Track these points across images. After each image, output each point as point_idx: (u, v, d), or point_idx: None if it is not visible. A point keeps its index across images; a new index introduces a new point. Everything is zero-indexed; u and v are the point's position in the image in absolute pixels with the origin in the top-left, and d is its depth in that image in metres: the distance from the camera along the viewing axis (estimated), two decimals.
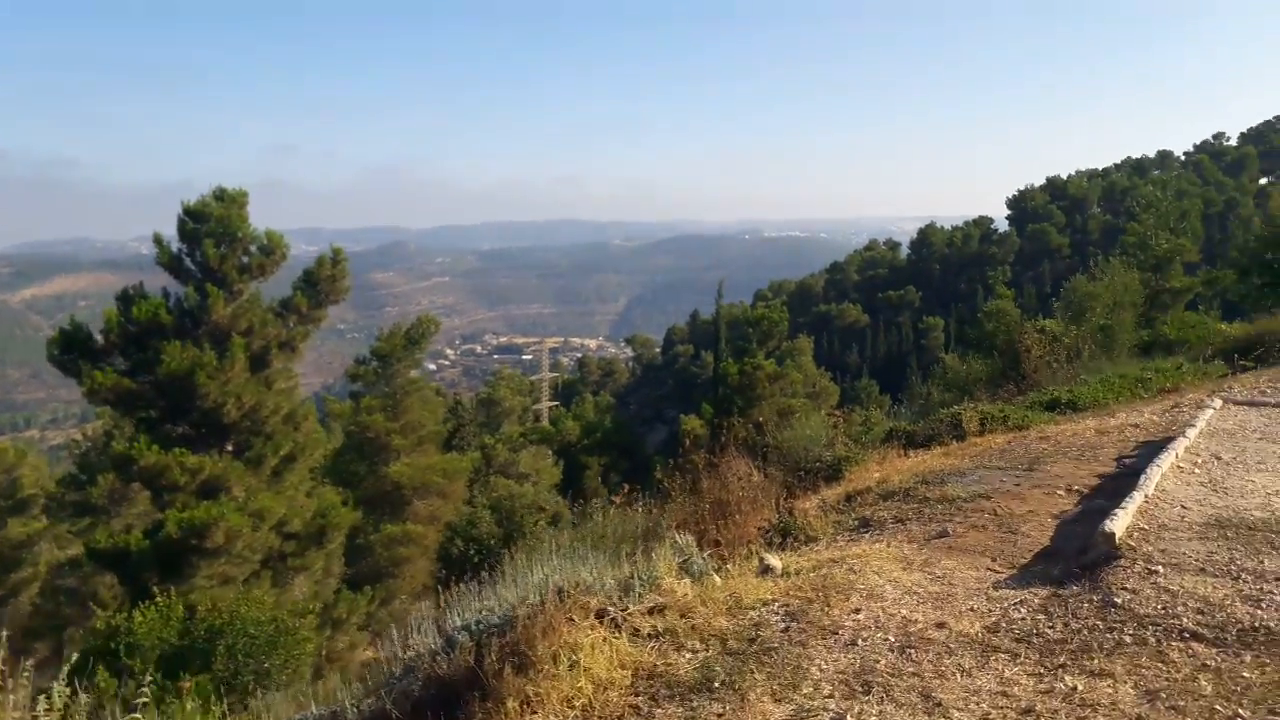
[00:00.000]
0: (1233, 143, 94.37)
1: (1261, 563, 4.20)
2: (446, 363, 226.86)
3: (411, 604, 24.70)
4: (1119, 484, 6.21)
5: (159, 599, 12.64)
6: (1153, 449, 6.94)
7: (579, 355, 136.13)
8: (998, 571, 4.73)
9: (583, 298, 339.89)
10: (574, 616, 4.11)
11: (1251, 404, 7.73)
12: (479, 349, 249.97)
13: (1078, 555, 4.67)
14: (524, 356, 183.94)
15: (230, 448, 17.86)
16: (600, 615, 4.31)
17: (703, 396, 44.39)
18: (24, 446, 30.67)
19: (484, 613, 4.82)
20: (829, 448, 11.25)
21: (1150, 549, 4.47)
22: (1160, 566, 4.23)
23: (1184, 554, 4.38)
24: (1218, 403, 7.78)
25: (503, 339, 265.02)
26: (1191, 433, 6.63)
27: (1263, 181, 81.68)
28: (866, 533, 6.06)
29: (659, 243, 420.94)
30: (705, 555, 6.18)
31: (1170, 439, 6.84)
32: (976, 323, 27.44)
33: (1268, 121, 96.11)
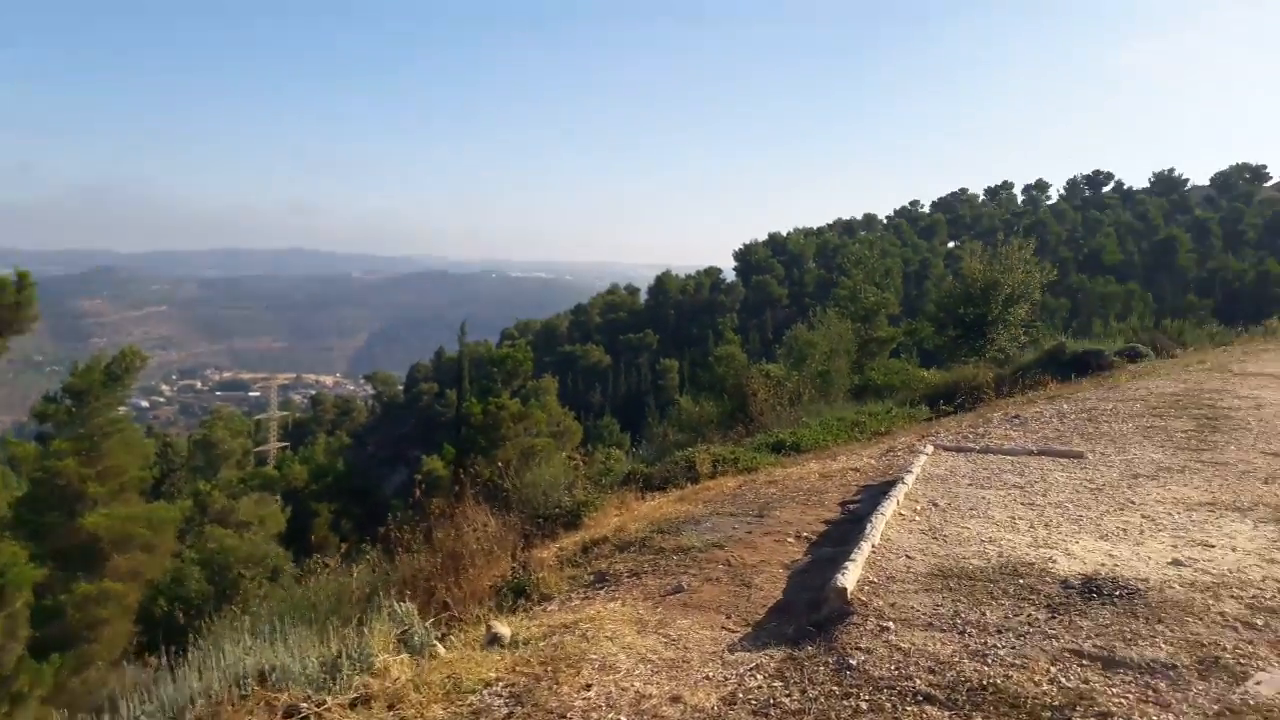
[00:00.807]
0: (926, 210, 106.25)
1: (983, 614, 4.26)
2: (161, 399, 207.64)
3: (110, 672, 21.88)
4: (844, 530, 6.31)
5: None
6: (874, 493, 7.17)
7: (313, 392, 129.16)
8: (733, 630, 4.53)
9: (319, 332, 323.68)
10: (256, 717, 3.43)
11: (959, 450, 8.24)
12: (199, 385, 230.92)
13: (811, 610, 4.58)
14: (251, 393, 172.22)
15: None
16: (290, 714, 3.64)
17: (446, 436, 43.25)
18: None
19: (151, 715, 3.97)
20: (569, 492, 10.96)
21: (881, 603, 4.44)
22: (891, 622, 4.19)
23: (913, 608, 4.37)
24: (929, 449, 8.23)
25: (227, 374, 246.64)
26: (909, 479, 6.89)
27: (950, 244, 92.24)
28: (602, 588, 5.74)
29: (402, 277, 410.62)
30: (429, 624, 5.60)
31: (890, 484, 7.09)
32: (708, 366, 28.53)
33: (954, 193, 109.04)
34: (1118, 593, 4.47)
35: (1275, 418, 9.18)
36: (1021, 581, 4.68)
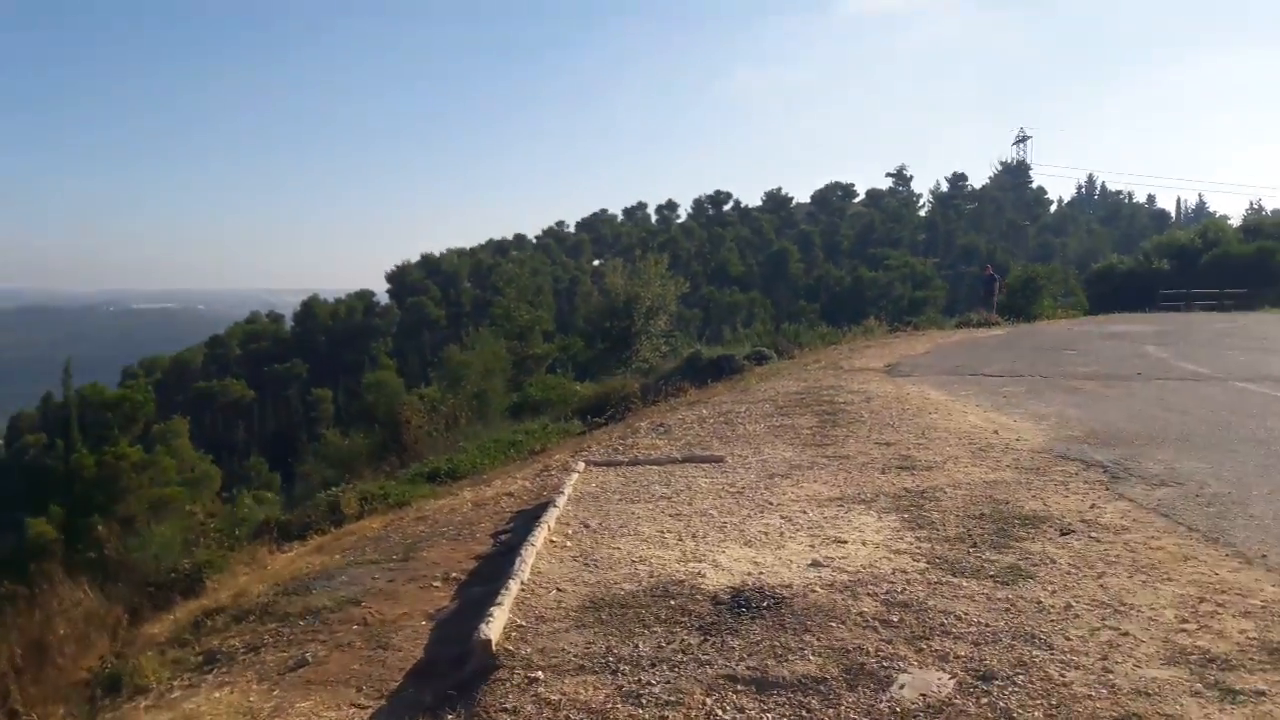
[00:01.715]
0: (571, 230, 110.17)
1: (636, 647, 3.98)
2: None
3: None
4: (496, 565, 5.87)
5: None
6: (527, 519, 6.81)
7: None
8: (363, 706, 3.89)
9: None
10: None
11: (609, 464, 8.13)
12: None
13: (455, 668, 4.06)
14: None
15: None
16: None
17: (58, 494, 37.38)
18: None
19: None
20: (189, 553, 9.55)
21: (529, 650, 4.02)
22: (541, 671, 3.78)
23: (564, 650, 4.00)
24: (581, 465, 8.04)
25: None
26: (560, 500, 6.60)
27: (595, 262, 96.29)
28: (211, 671, 4.81)
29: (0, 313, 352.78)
30: None
31: (542, 508, 6.77)
32: (360, 395, 27.12)
33: (595, 213, 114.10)
34: (765, 604, 4.42)
35: (883, 409, 10.12)
36: (673, 603, 4.50)
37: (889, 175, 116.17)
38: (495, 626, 4.13)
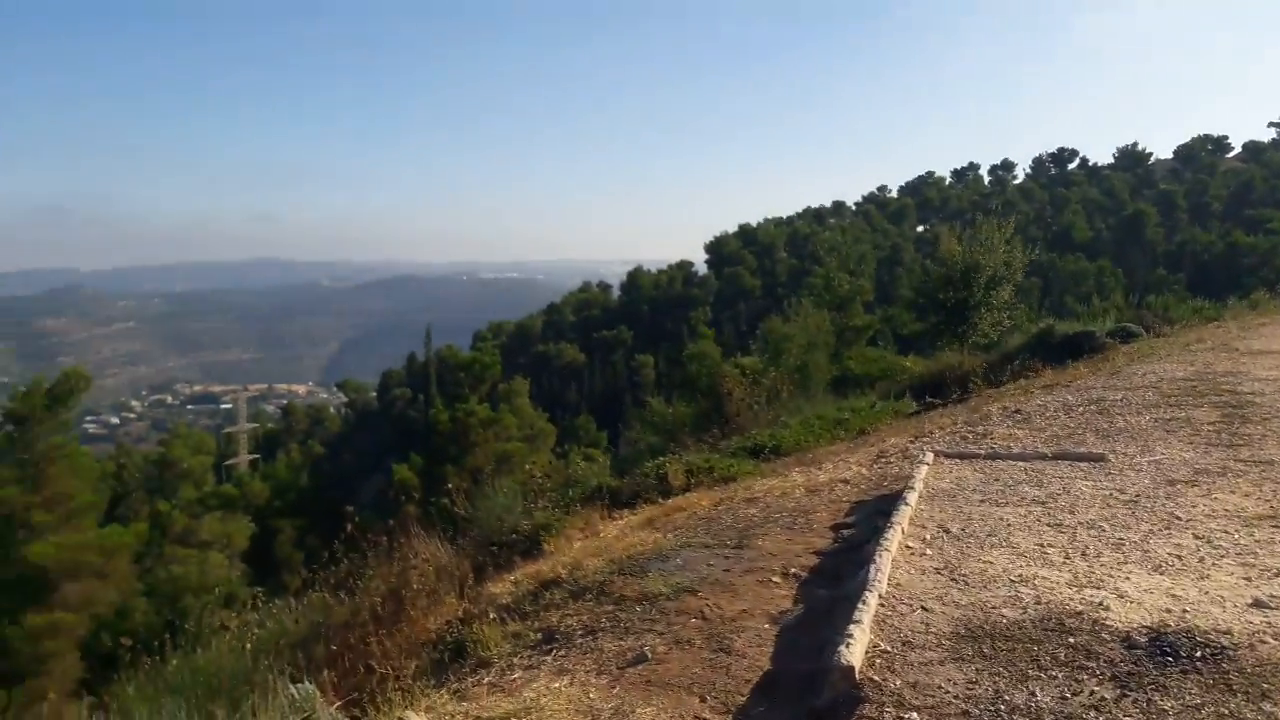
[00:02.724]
0: (894, 194, 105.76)
1: (1033, 695, 3.25)
2: (132, 415, 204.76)
3: (65, 705, 20.63)
4: (840, 563, 5.32)
5: None
6: (869, 513, 6.19)
7: (285, 402, 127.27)
8: None
9: (289, 341, 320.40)
10: None
11: (962, 456, 7.25)
12: (170, 400, 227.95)
13: (808, 690, 3.57)
14: (222, 405, 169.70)
15: None
16: None
17: (420, 443, 42.06)
18: None
19: None
20: (527, 515, 9.89)
21: (899, 683, 3.43)
22: (915, 713, 3.19)
23: (941, 689, 3.36)
24: (929, 455, 7.24)
25: (197, 388, 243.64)
26: (911, 497, 5.88)
27: (920, 228, 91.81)
28: (550, 652, 4.70)
29: (371, 284, 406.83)
30: (334, 709, 4.56)
31: (888, 501, 6.10)
32: (681, 363, 27.58)
33: (920, 177, 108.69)
34: (1199, 654, 3.49)
35: None
36: (1073, 641, 3.69)
37: (1272, 125, 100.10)
38: (856, 650, 3.57)
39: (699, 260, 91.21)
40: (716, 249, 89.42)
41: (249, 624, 8.41)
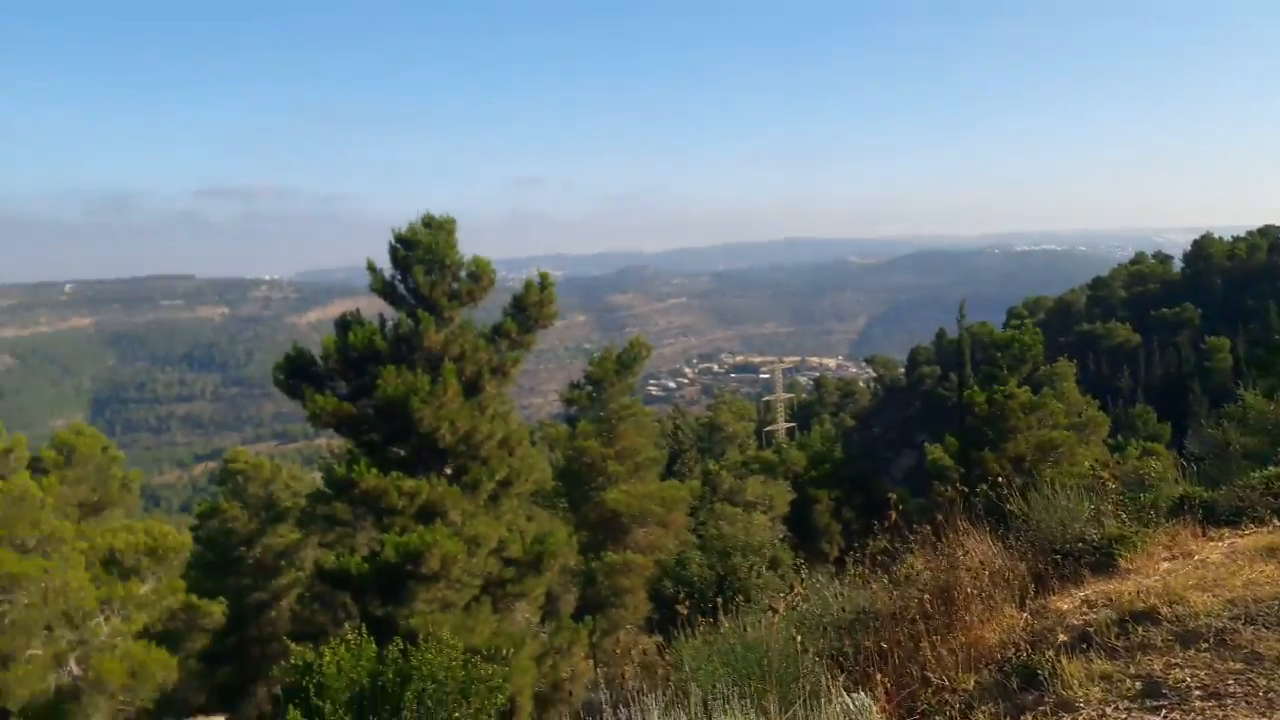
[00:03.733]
0: None
1: None
2: (685, 380, 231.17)
3: (636, 637, 24.05)
4: None
5: (349, 636, 12.29)
6: None
7: (816, 375, 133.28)
8: None
9: (818, 317, 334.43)
10: None
11: None
12: (716, 367, 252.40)
13: None
14: (761, 375, 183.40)
15: (448, 472, 17.77)
16: None
17: (949, 422, 41.17)
18: (280, 462, 32.89)
19: None
20: (1096, 522, 8.96)
21: None
22: None
23: None
24: None
25: (739, 358, 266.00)
26: None
27: None
28: (1158, 712, 4.08)
29: (898, 259, 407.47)
30: None
31: None
32: (1273, 348, 23.12)
33: None
34: None
35: None
36: None
37: None
38: None
39: None
40: None
41: (794, 597, 8.47)
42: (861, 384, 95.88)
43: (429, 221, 16.82)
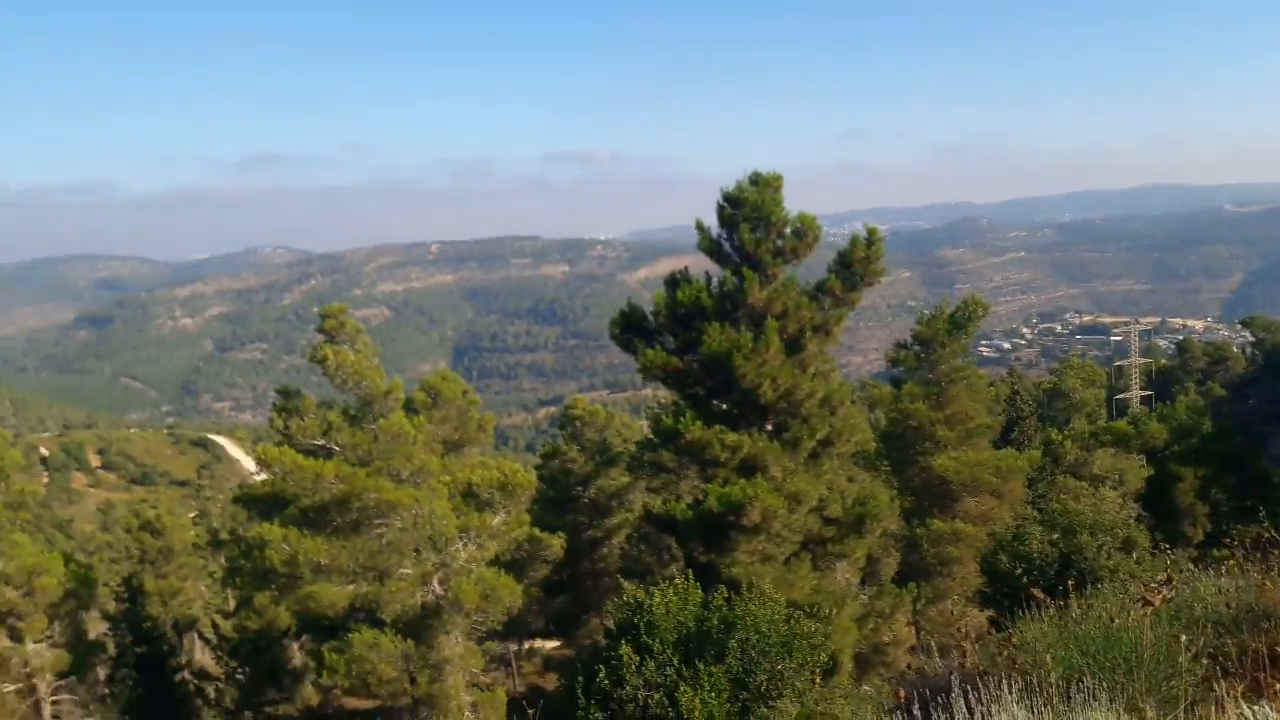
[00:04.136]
0: None
1: None
2: (1022, 342, 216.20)
3: (963, 609, 22.96)
4: None
5: (677, 580, 12.69)
6: None
7: (1179, 338, 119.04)
8: None
9: (1184, 273, 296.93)
10: None
11: None
12: (1059, 329, 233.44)
13: None
14: (1111, 338, 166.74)
15: (769, 428, 17.87)
16: None
17: None
18: (612, 410, 34.96)
19: None
20: None
21: None
22: None
23: None
24: None
25: (1086, 318, 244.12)
26: None
27: None
28: None
29: None
30: None
31: None
32: None
33: None
34: None
35: None
36: None
37: None
38: None
39: None
40: None
41: (1166, 588, 7.33)
42: (1235, 349, 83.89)
43: (755, 179, 16.75)
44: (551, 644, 34.22)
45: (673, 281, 17.65)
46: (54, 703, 19.33)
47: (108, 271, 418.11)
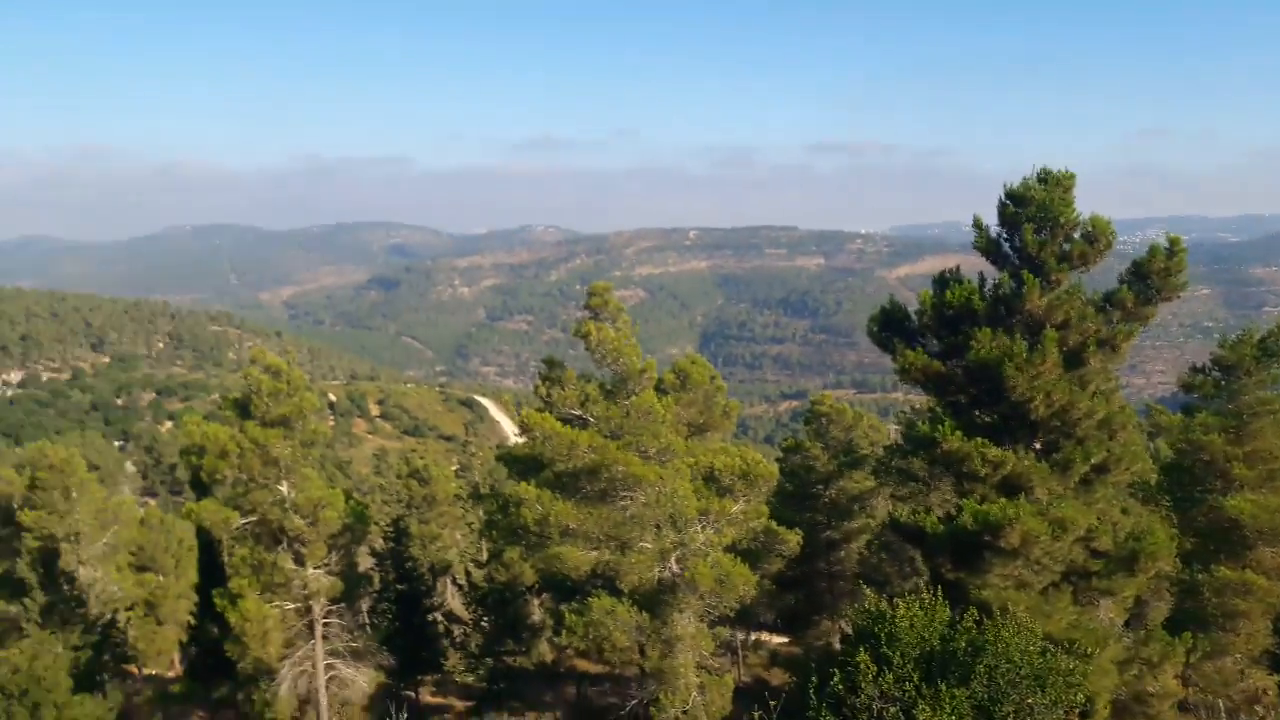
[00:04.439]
0: None
1: None
2: None
3: (1248, 668, 20.46)
4: None
5: (924, 596, 12.14)
6: None
7: None
8: None
9: None
10: None
11: None
12: None
13: None
14: None
15: (1037, 446, 16.74)
16: None
17: None
18: (861, 410, 33.95)
19: None
20: None
21: None
22: None
23: None
24: None
25: None
26: None
27: None
28: None
29: None
30: None
31: None
32: None
33: None
34: None
35: None
36: None
37: None
38: None
39: None
40: None
41: None
42: None
43: (1044, 176, 15.61)
44: (779, 639, 33.98)
45: (941, 280, 16.84)
46: (325, 624, 21.42)
47: (399, 239, 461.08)
